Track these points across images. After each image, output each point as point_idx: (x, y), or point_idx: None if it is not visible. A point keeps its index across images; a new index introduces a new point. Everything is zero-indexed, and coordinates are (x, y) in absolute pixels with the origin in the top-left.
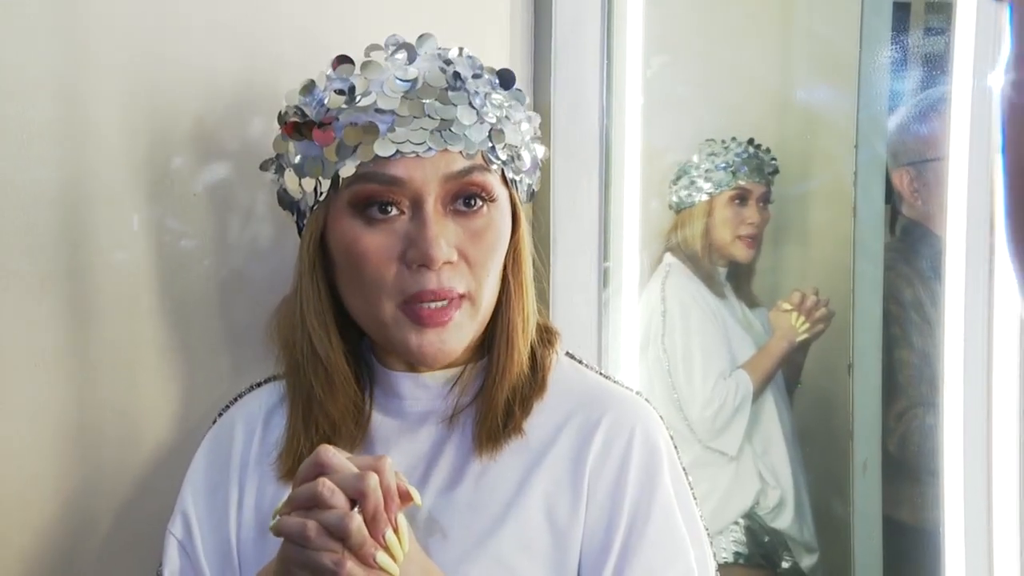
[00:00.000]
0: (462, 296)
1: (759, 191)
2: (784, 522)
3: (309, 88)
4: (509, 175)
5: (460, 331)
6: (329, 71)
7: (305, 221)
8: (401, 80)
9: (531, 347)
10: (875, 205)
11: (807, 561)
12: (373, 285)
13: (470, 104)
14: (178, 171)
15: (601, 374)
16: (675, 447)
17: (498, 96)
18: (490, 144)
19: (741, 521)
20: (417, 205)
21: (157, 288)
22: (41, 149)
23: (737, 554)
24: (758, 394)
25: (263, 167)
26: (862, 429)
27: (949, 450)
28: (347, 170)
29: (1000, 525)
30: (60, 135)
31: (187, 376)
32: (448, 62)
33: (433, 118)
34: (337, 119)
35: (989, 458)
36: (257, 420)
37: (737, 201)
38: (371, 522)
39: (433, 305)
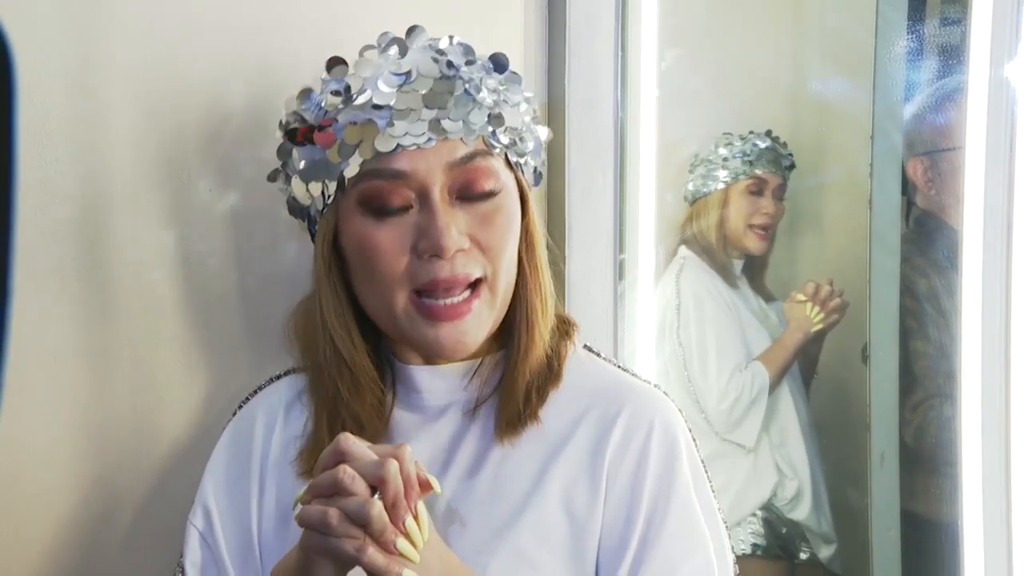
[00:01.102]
0: (480, 280)
1: (775, 182)
2: (802, 513)
3: (306, 94)
4: (513, 158)
5: (479, 320)
6: (324, 75)
7: (317, 227)
8: (395, 74)
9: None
10: (891, 196)
11: (825, 552)
12: (386, 278)
13: (465, 91)
14: (196, 168)
15: (618, 366)
16: (693, 440)
17: (492, 80)
18: (490, 128)
19: (759, 513)
20: (424, 196)
21: (176, 284)
22: (58, 146)
23: (755, 545)
24: (774, 386)
25: (270, 178)
26: (879, 421)
27: (967, 441)
28: (351, 170)
29: (1019, 516)
30: (77, 132)
31: (206, 371)
32: (440, 52)
33: (430, 108)
34: (336, 120)
35: (1008, 449)
36: (277, 412)
37: (753, 191)
38: (391, 509)
39: (448, 300)
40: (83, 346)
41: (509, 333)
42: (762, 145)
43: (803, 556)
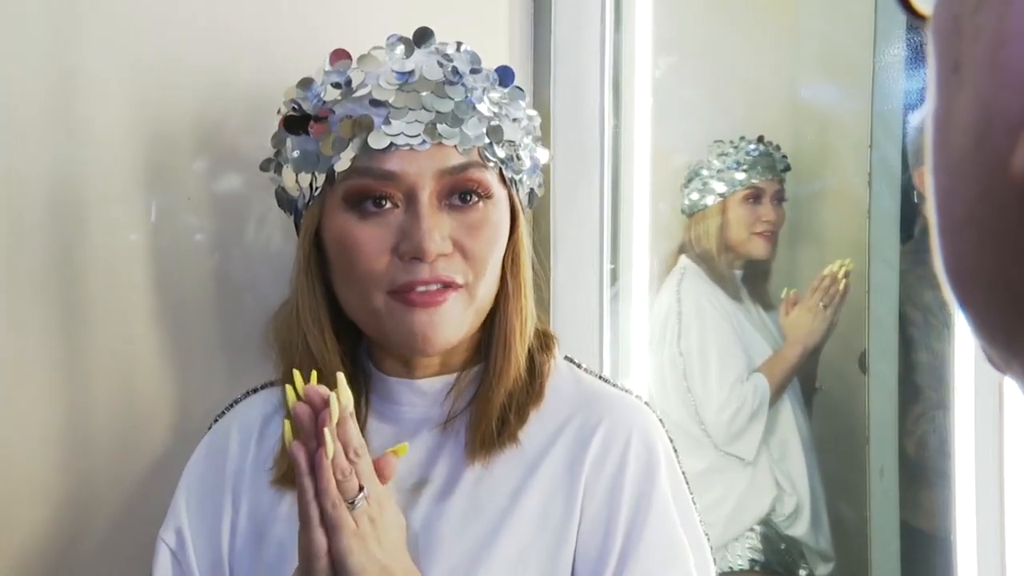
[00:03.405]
0: (459, 285)
1: (773, 189)
2: (800, 530)
3: (307, 83)
4: (508, 174)
5: (453, 316)
6: (327, 66)
7: (301, 220)
8: (397, 72)
9: (529, 353)
10: (889, 206)
11: (823, 570)
12: (365, 277)
13: (467, 99)
14: (174, 174)
15: (600, 377)
16: (675, 451)
17: (496, 93)
18: (487, 140)
19: (757, 528)
20: (411, 198)
21: (152, 291)
22: (33, 148)
23: (753, 561)
24: (775, 399)
25: (263, 167)
26: (878, 434)
27: (961, 452)
28: (342, 164)
29: (1013, 530)
30: (53, 134)
31: (183, 380)
32: (446, 57)
33: (429, 111)
34: (333, 111)
35: (1001, 462)
36: (253, 427)
37: (751, 200)
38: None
39: (424, 288)
40: (56, 354)
41: (487, 350)
42: (755, 153)
43: (802, 573)
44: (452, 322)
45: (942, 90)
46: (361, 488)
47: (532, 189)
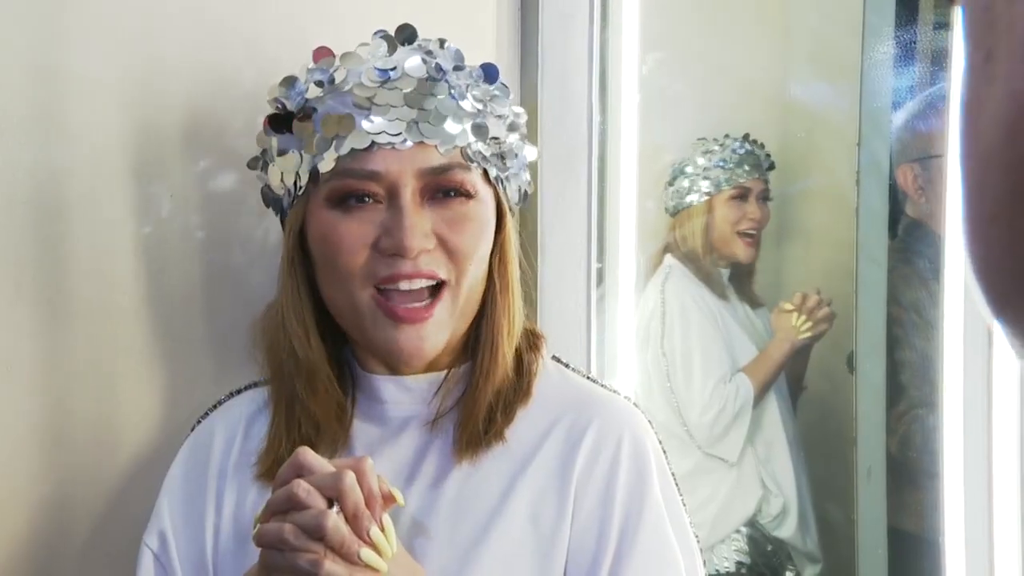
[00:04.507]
0: (443, 284)
1: (758, 187)
2: (787, 531)
3: (290, 81)
4: (493, 173)
5: (440, 327)
6: (310, 64)
7: (286, 219)
8: (380, 70)
9: (517, 352)
10: (877, 204)
11: (810, 572)
12: (346, 271)
13: (450, 96)
14: (158, 173)
15: (588, 377)
16: (664, 452)
17: (479, 90)
18: (471, 139)
19: (743, 529)
20: (393, 196)
21: (138, 290)
22: (15, 147)
23: (739, 563)
24: (759, 398)
25: (250, 165)
26: (866, 434)
27: (949, 453)
28: (325, 165)
29: (1001, 530)
30: (35, 133)
31: (167, 381)
32: (430, 54)
33: (411, 108)
34: (316, 110)
35: (990, 461)
36: (237, 428)
37: (737, 198)
38: (353, 520)
39: (411, 304)
40: (38, 355)
41: (474, 348)
42: (740, 151)
43: (788, 575)
44: (438, 332)
45: (973, 78)
46: None
47: (520, 187)
